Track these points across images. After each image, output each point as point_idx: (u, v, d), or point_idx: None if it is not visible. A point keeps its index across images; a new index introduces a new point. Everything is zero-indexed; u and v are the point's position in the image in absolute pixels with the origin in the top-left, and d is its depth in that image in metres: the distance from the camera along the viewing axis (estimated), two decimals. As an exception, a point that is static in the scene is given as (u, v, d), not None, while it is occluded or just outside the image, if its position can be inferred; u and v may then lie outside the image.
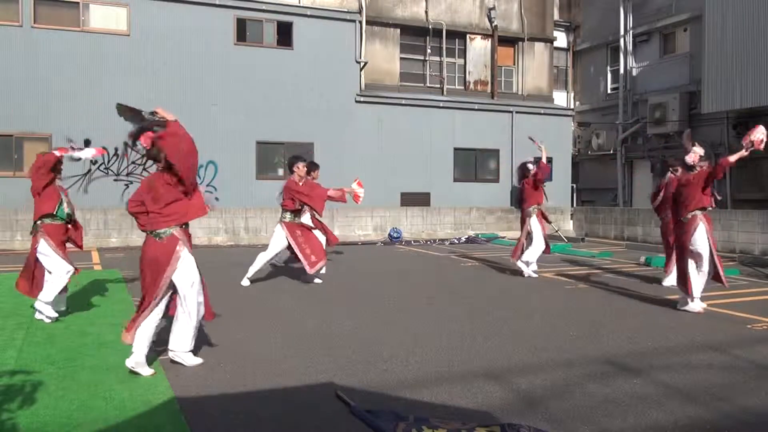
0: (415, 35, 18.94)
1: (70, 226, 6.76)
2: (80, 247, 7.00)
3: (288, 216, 8.90)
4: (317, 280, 9.22)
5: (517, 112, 19.26)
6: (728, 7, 15.88)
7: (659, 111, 19.02)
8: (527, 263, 10.02)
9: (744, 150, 7.05)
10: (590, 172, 22.64)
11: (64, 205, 6.65)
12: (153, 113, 4.84)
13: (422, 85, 19.06)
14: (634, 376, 4.72)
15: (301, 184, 8.89)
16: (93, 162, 15.04)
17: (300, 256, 8.79)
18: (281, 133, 16.65)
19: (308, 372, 4.81)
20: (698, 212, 7.27)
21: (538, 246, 9.96)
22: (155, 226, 4.71)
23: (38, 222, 6.57)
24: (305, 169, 9.08)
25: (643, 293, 8.57)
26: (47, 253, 6.55)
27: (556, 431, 3.67)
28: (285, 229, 8.84)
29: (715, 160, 7.81)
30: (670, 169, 9.13)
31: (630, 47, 20.77)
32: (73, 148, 6.84)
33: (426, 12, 18.81)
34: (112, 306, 7.36)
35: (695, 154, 7.34)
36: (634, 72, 20.85)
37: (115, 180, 15.28)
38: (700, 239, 7.20)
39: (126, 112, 4.86)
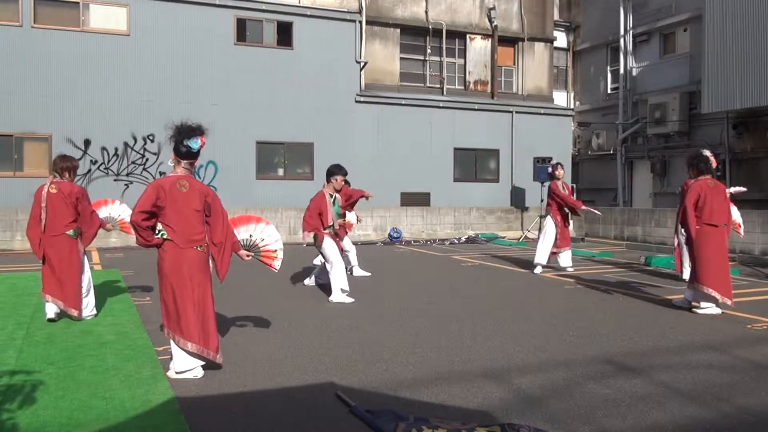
0: (415, 35, 18.95)
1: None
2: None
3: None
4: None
5: (517, 112, 19.28)
6: (728, 7, 15.88)
7: (659, 111, 19.03)
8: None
9: None
10: (590, 172, 22.66)
11: None
12: None
13: (422, 85, 19.07)
14: (634, 376, 4.72)
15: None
16: (93, 162, 15.07)
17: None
18: (281, 133, 16.66)
19: (308, 372, 4.81)
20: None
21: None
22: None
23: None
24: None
25: (643, 293, 8.57)
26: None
27: (556, 431, 3.67)
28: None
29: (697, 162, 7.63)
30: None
31: (630, 47, 20.78)
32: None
33: (426, 12, 18.82)
34: (112, 306, 7.36)
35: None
36: (634, 72, 20.86)
37: (115, 180, 15.29)
38: None
39: None
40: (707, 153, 7.50)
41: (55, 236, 6.40)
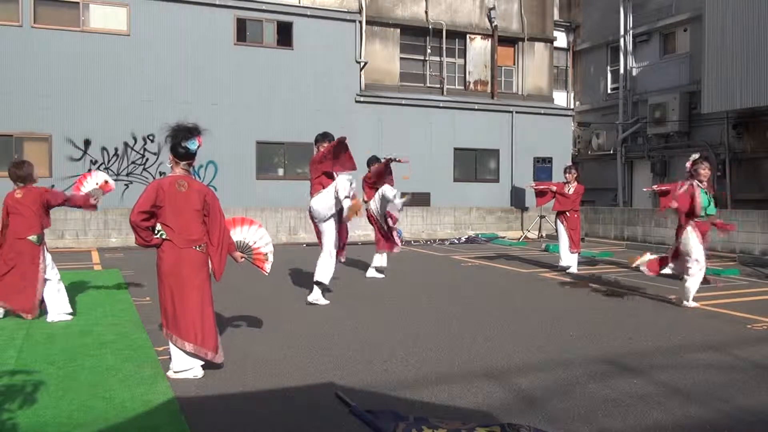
0: (415, 35, 18.95)
1: None
2: None
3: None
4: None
5: (517, 112, 19.28)
6: (728, 7, 15.87)
7: (659, 111, 19.03)
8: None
9: None
10: (590, 172, 22.64)
11: None
12: None
13: (422, 85, 19.07)
14: (634, 376, 4.72)
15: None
16: (93, 162, 15.05)
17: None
18: (281, 133, 16.66)
19: (308, 372, 4.81)
20: None
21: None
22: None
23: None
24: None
25: (643, 293, 8.57)
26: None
27: (556, 431, 3.67)
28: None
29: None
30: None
31: (630, 47, 20.78)
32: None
33: (426, 12, 18.82)
34: (112, 306, 7.36)
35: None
36: (634, 72, 20.86)
37: (115, 180, 15.19)
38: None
39: None
40: (706, 165, 7.54)
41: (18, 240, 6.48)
